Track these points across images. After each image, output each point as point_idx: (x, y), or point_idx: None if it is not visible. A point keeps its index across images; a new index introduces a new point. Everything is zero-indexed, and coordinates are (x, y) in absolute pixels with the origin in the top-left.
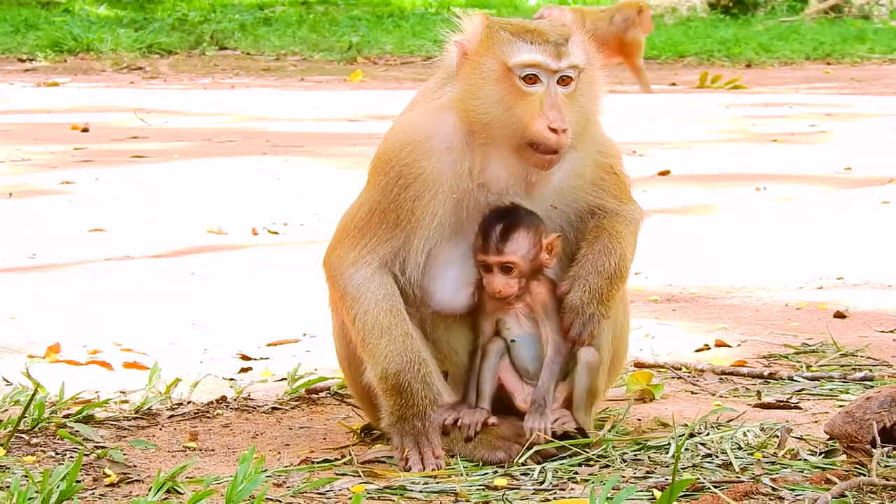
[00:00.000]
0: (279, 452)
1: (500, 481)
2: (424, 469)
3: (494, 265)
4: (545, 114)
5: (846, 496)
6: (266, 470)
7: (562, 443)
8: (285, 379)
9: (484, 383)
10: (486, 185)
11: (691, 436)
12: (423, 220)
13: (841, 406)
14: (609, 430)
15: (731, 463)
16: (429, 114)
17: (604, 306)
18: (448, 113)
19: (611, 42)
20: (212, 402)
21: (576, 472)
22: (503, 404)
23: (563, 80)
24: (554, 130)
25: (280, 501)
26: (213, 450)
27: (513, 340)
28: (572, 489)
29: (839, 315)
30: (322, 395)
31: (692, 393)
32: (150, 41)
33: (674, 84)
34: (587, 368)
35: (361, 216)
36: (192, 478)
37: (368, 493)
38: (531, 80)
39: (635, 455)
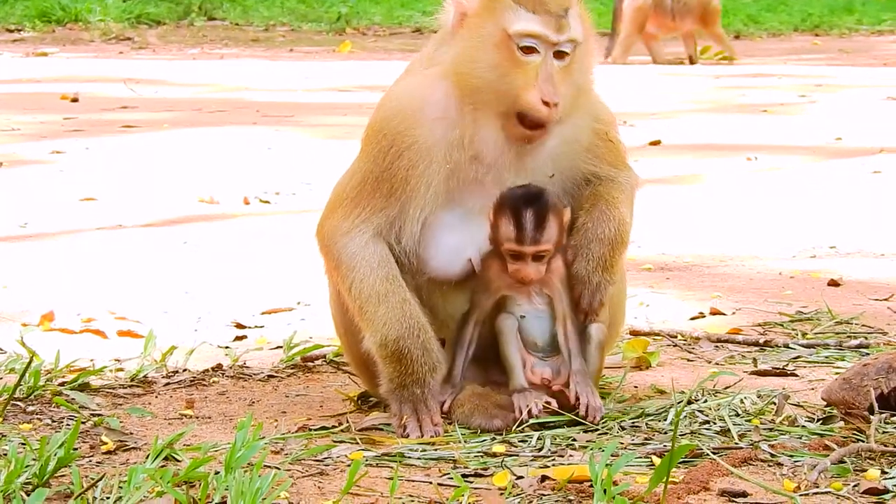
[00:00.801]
0: (276, 420)
1: (499, 448)
2: (423, 436)
3: (529, 255)
4: (539, 86)
5: (845, 462)
6: (263, 437)
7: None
8: (280, 347)
9: (513, 361)
10: (478, 155)
11: (689, 403)
12: (417, 189)
13: (837, 373)
14: (607, 399)
15: (729, 430)
16: (422, 82)
17: (608, 273)
18: (441, 81)
19: (694, 10)
20: (207, 370)
21: (574, 439)
22: (492, 374)
23: (559, 55)
24: (546, 104)
25: (279, 468)
26: (209, 417)
27: (522, 316)
28: (571, 456)
29: (833, 283)
30: (318, 362)
31: (688, 360)
32: (138, 11)
33: None
34: (598, 346)
35: (354, 185)
36: (189, 445)
37: (367, 460)
38: (529, 50)
39: (633, 422)
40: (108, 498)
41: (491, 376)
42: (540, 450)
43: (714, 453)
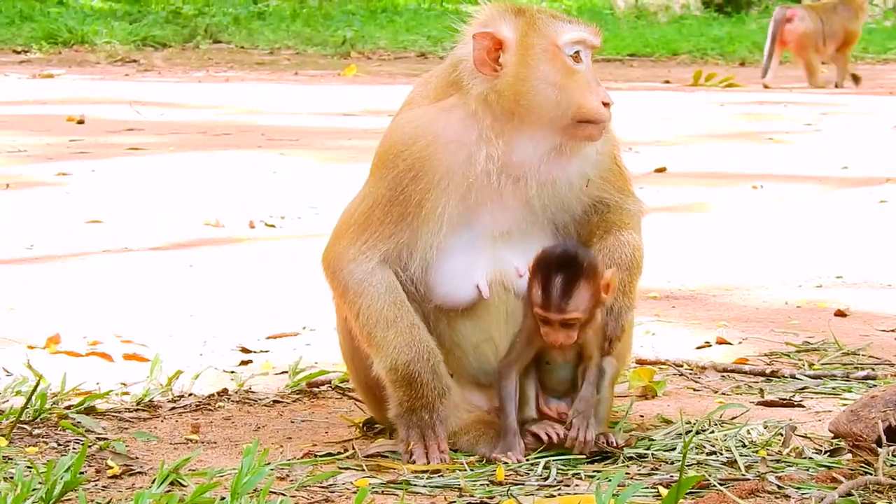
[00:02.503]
0: (282, 446)
1: (504, 475)
2: (429, 462)
3: (557, 322)
4: (595, 90)
5: (853, 495)
6: (269, 463)
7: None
8: (286, 372)
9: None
10: (507, 168)
11: (696, 433)
12: (431, 214)
13: (844, 404)
14: (614, 428)
15: (736, 461)
16: (438, 110)
17: (628, 298)
18: (458, 108)
19: (839, 33)
20: (213, 395)
21: (580, 469)
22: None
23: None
24: (605, 104)
25: (284, 494)
26: (215, 442)
27: (547, 363)
28: (577, 485)
29: (840, 314)
30: (323, 388)
31: (694, 390)
32: (144, 34)
33: (667, 82)
34: (611, 381)
35: (363, 211)
36: (194, 470)
37: (372, 487)
38: (576, 58)
39: (640, 452)
40: None
41: (495, 402)
42: (546, 479)
43: (721, 484)
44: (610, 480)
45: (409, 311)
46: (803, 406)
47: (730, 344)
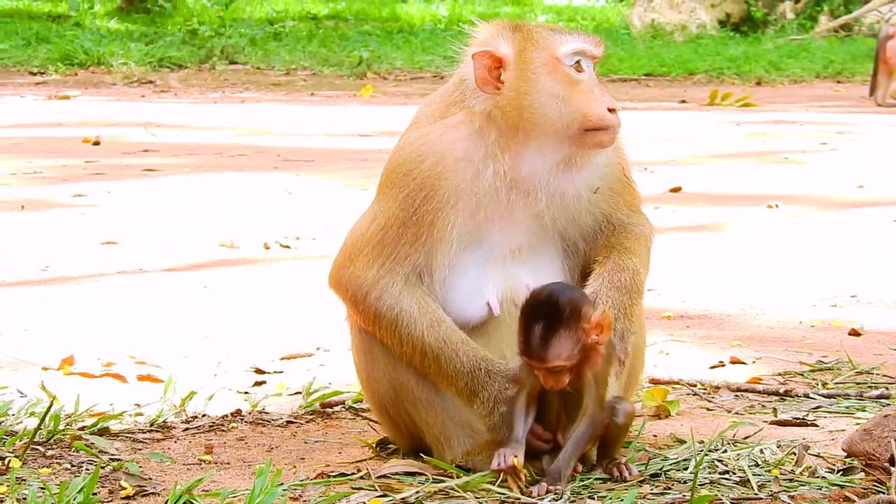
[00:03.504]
0: (295, 466)
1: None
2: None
3: (541, 370)
4: (599, 98)
5: None
6: (282, 483)
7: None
8: (299, 393)
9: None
10: (517, 183)
11: (709, 452)
12: (442, 233)
13: (858, 424)
14: (625, 447)
15: (748, 480)
16: (442, 128)
17: (629, 321)
18: (463, 126)
19: None
20: (226, 416)
21: (593, 489)
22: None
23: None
24: (612, 110)
25: None
26: (228, 463)
27: (568, 392)
28: None
29: (854, 333)
30: (337, 408)
31: (707, 410)
32: (160, 55)
33: (683, 101)
34: (622, 427)
35: (374, 232)
36: (207, 491)
37: None
38: (579, 67)
39: (653, 471)
40: None
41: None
42: (558, 499)
43: None
44: (623, 500)
45: (449, 326)
46: (817, 425)
47: (744, 363)
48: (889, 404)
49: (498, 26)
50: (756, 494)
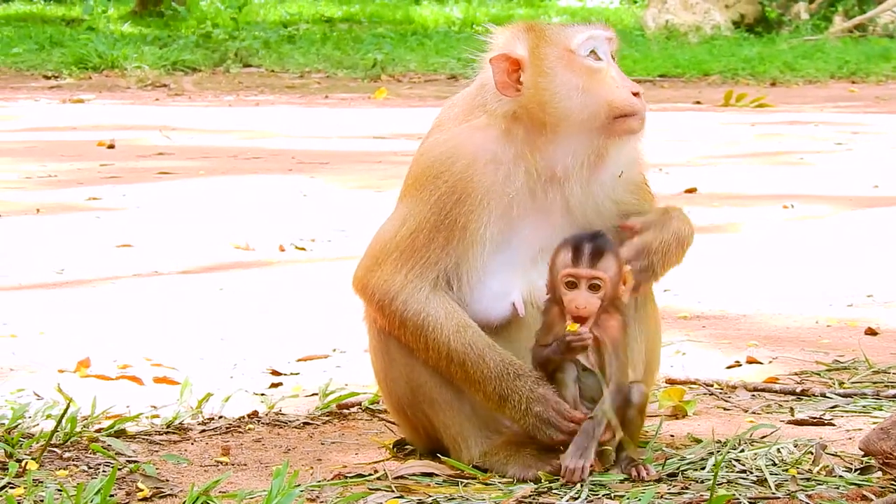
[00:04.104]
0: (312, 467)
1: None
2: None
3: (584, 279)
4: (622, 83)
5: None
6: (299, 485)
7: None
8: (316, 394)
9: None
10: (551, 180)
11: (727, 452)
12: (474, 235)
13: (875, 423)
14: (643, 447)
15: (766, 479)
16: (471, 129)
17: (663, 264)
18: (488, 129)
19: None
20: (243, 417)
21: (610, 488)
22: None
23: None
24: (636, 94)
25: None
26: (245, 464)
27: (585, 369)
28: None
29: (870, 332)
30: (353, 410)
31: (724, 409)
32: (174, 58)
33: (698, 102)
34: (638, 409)
35: (404, 235)
36: (225, 492)
37: None
38: (596, 56)
39: (669, 471)
40: None
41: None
42: (576, 499)
43: (751, 503)
44: (640, 500)
45: (475, 331)
46: (834, 424)
47: (760, 363)
48: None
49: (513, 29)
50: (774, 494)
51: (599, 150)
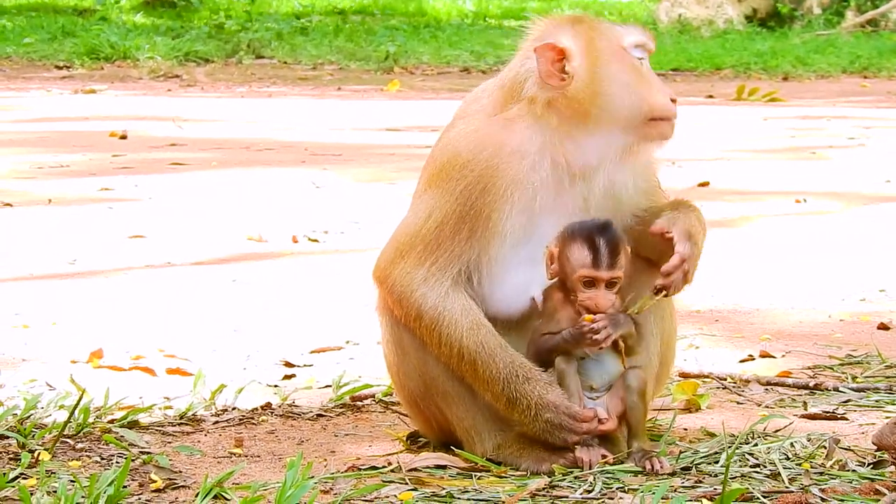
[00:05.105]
0: (325, 459)
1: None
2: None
3: (604, 281)
4: (661, 88)
5: None
6: (313, 476)
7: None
8: (329, 386)
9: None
10: (575, 174)
11: (740, 445)
12: (497, 226)
13: (888, 417)
14: (657, 441)
15: (779, 473)
16: (499, 120)
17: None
18: (520, 120)
19: None
20: (256, 409)
21: (624, 482)
22: None
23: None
24: (673, 101)
25: None
26: (258, 456)
27: (582, 358)
28: (621, 498)
29: (883, 327)
30: (367, 401)
31: (738, 403)
32: (186, 49)
33: (711, 96)
34: (638, 394)
35: (430, 228)
36: (238, 484)
37: (416, 501)
38: (640, 59)
39: (683, 464)
40: None
41: None
42: (590, 492)
43: (764, 497)
44: (654, 493)
45: (489, 331)
46: (847, 419)
47: (773, 357)
48: None
49: (557, 20)
50: (787, 487)
51: (628, 148)
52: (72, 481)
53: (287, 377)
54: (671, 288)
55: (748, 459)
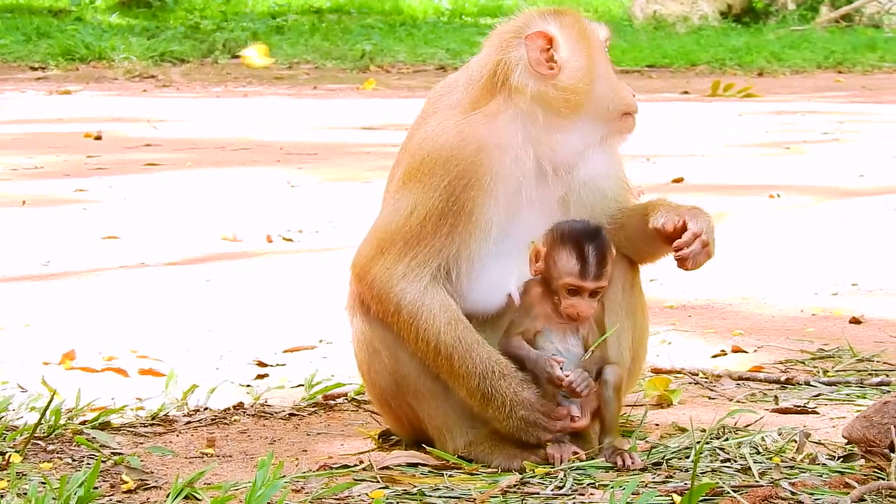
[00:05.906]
0: (297, 458)
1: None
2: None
3: (588, 290)
4: (624, 83)
5: (865, 500)
6: (284, 476)
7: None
8: (302, 385)
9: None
10: (558, 166)
11: (710, 440)
12: (479, 221)
13: (858, 411)
14: (628, 436)
15: (749, 467)
16: (480, 115)
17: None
18: (502, 114)
19: None
20: (229, 409)
21: (595, 478)
22: None
23: None
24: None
25: None
26: (230, 456)
27: (553, 355)
28: (592, 494)
29: (854, 321)
30: (339, 400)
31: (709, 398)
32: (162, 49)
33: (686, 92)
34: (615, 389)
35: (413, 224)
36: (209, 484)
37: (387, 499)
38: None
39: (654, 460)
40: None
41: None
42: (560, 488)
43: (734, 491)
44: (624, 489)
45: (466, 327)
46: (818, 413)
47: (745, 352)
48: (889, 391)
49: (541, 11)
50: (757, 482)
51: (600, 142)
52: (42, 483)
53: (260, 377)
54: (689, 260)
55: (718, 454)
